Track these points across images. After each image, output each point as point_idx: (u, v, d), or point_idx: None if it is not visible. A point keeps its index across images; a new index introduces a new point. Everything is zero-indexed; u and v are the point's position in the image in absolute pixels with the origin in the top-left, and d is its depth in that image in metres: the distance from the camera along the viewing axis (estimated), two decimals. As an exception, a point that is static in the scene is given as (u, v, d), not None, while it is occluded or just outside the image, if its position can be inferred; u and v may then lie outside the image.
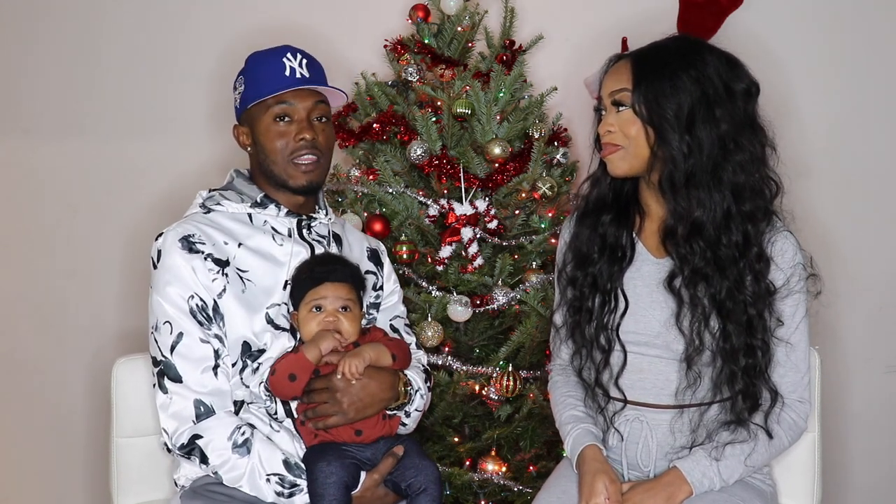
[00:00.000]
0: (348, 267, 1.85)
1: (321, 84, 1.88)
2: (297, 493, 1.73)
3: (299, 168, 1.84)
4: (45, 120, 2.68)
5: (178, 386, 1.75)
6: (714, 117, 1.67)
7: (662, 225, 1.75)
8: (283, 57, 1.86)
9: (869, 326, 2.57)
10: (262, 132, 1.85)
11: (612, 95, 1.73)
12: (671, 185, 1.69)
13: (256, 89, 1.85)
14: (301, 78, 1.85)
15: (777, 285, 1.71)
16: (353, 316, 1.81)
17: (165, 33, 2.65)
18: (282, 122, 1.84)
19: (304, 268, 1.83)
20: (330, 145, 1.90)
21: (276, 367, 1.76)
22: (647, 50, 1.75)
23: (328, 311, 1.78)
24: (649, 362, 1.74)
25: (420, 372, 1.94)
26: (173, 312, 1.76)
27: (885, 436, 2.60)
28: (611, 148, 1.74)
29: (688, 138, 1.66)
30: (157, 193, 2.59)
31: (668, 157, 1.68)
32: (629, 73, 1.71)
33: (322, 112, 1.88)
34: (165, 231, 1.81)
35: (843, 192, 2.53)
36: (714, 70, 1.68)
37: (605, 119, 1.75)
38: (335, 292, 1.79)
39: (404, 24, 2.44)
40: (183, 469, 1.82)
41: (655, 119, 1.68)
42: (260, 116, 1.85)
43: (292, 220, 1.88)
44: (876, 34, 2.53)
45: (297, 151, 1.83)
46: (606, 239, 1.79)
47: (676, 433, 1.73)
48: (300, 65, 1.86)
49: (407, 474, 1.78)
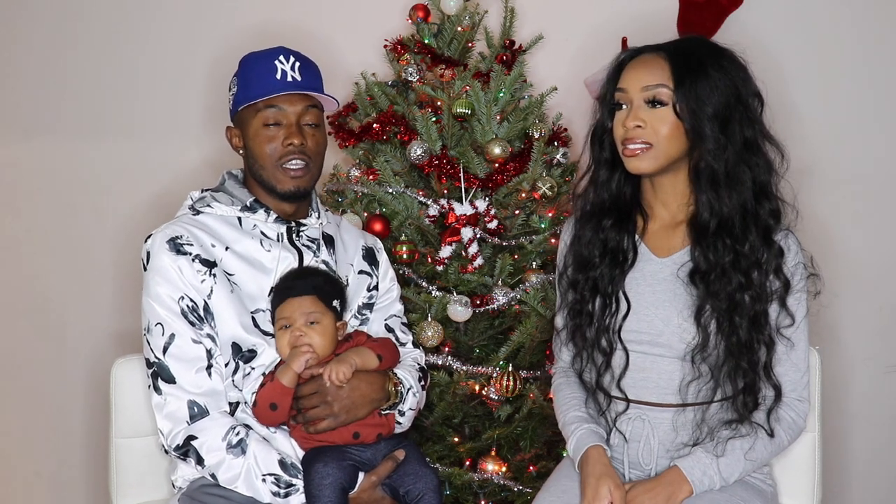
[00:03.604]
0: (312, 278, 1.82)
1: (312, 89, 1.86)
2: (293, 494, 1.72)
3: (287, 173, 1.82)
4: (43, 121, 2.67)
5: (172, 387, 1.75)
6: (745, 118, 1.69)
7: (693, 219, 1.73)
8: (276, 59, 1.83)
9: (869, 326, 2.57)
10: (251, 136, 1.84)
11: (647, 90, 1.68)
12: (711, 182, 1.68)
13: (246, 91, 1.84)
14: (292, 82, 1.83)
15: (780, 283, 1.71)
16: (323, 328, 1.79)
17: (163, 34, 2.65)
18: (271, 126, 1.82)
19: (276, 286, 1.82)
20: (320, 151, 1.87)
21: (257, 398, 1.76)
22: (679, 47, 1.72)
23: (295, 327, 1.77)
24: (652, 361, 1.74)
25: (414, 371, 1.94)
26: (164, 314, 1.76)
27: (885, 436, 2.60)
28: (638, 146, 1.70)
29: (722, 138, 1.67)
30: (156, 194, 2.59)
31: (706, 155, 1.67)
32: (667, 69, 1.68)
33: (313, 117, 1.85)
34: (154, 233, 1.81)
35: (843, 192, 2.53)
36: (737, 74, 1.70)
37: (632, 114, 1.70)
38: (300, 308, 1.77)
39: (404, 24, 2.43)
40: (180, 470, 1.82)
41: (696, 118, 1.66)
42: (249, 120, 1.84)
43: (282, 225, 1.87)
44: (876, 34, 2.53)
45: (286, 157, 1.81)
46: (608, 243, 1.79)
47: (679, 430, 1.73)
48: (292, 68, 1.84)
49: (406, 480, 1.78)
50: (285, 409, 1.75)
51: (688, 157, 1.72)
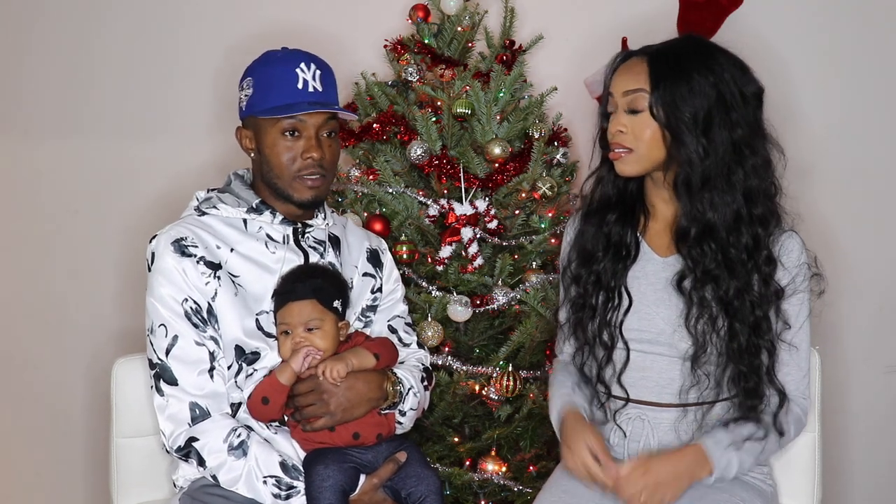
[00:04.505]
0: (311, 280, 1.79)
1: (333, 100, 1.83)
2: (293, 496, 1.72)
3: (305, 183, 1.80)
4: (45, 120, 2.68)
5: (174, 388, 1.75)
6: (730, 121, 1.66)
7: (674, 225, 1.74)
8: (297, 67, 1.78)
9: (869, 326, 2.57)
10: (268, 144, 1.79)
11: (627, 95, 1.68)
12: (687, 188, 1.68)
13: (265, 98, 1.78)
14: (314, 92, 1.78)
15: (782, 285, 1.71)
16: (324, 332, 1.77)
17: (165, 33, 2.65)
18: (290, 136, 1.78)
19: (276, 288, 1.81)
20: (335, 160, 1.85)
21: (252, 391, 1.76)
22: (662, 49, 1.71)
23: (296, 333, 1.76)
24: (652, 360, 1.74)
25: (417, 371, 1.93)
26: (168, 315, 1.76)
27: (885, 436, 2.60)
28: (620, 150, 1.71)
29: (704, 141, 1.65)
30: (157, 194, 2.59)
31: (685, 160, 1.66)
32: (645, 72, 1.67)
33: (331, 127, 1.81)
34: (158, 234, 1.80)
35: (843, 192, 2.53)
36: (728, 74, 1.67)
37: (615, 119, 1.70)
38: (299, 314, 1.76)
39: (404, 24, 2.43)
40: (181, 470, 1.82)
41: (673, 122, 1.65)
42: (267, 128, 1.79)
43: (288, 227, 1.86)
44: (876, 34, 2.52)
45: (305, 169, 1.79)
46: (611, 238, 1.78)
47: (681, 433, 1.73)
48: (314, 77, 1.79)
49: (408, 483, 1.77)
50: (277, 405, 1.74)
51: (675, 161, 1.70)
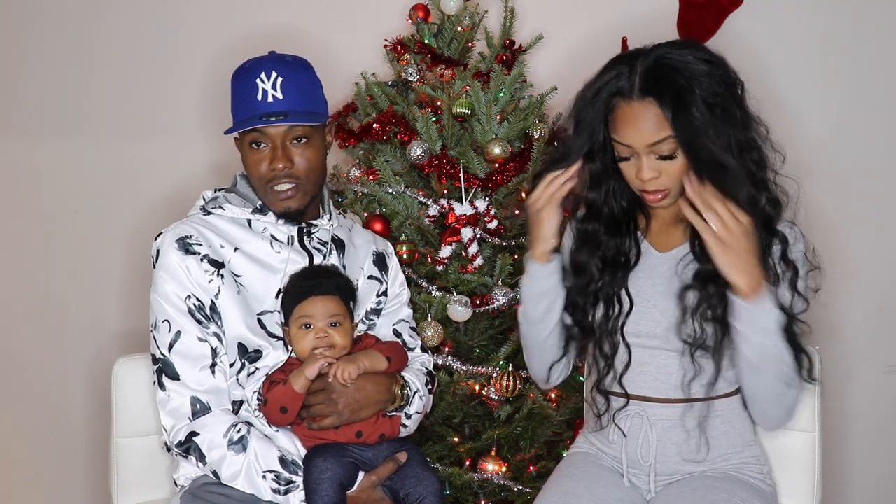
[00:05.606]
0: (335, 278, 1.81)
1: (297, 106, 1.79)
2: (292, 490, 1.73)
3: (277, 196, 1.81)
4: (45, 120, 2.68)
5: (176, 384, 1.76)
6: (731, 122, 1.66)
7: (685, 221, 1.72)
8: (258, 77, 1.78)
9: (869, 326, 2.57)
10: (243, 157, 1.84)
11: (654, 147, 1.65)
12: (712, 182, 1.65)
13: (235, 112, 1.83)
14: (273, 102, 1.77)
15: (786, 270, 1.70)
16: (345, 330, 1.78)
17: (164, 33, 2.65)
18: (256, 147, 1.80)
19: (292, 281, 1.81)
20: (312, 166, 1.81)
21: (268, 398, 1.76)
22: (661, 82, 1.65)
23: (318, 328, 1.76)
24: (651, 355, 1.75)
25: (422, 374, 1.94)
26: (171, 311, 1.77)
27: (885, 436, 2.60)
28: (660, 194, 1.69)
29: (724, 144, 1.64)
30: (157, 194, 2.60)
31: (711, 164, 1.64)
32: (661, 117, 1.63)
33: (299, 134, 1.79)
34: (164, 231, 1.83)
35: (843, 192, 2.53)
36: (718, 78, 1.66)
37: (646, 167, 1.66)
38: (323, 308, 1.76)
39: (404, 24, 2.44)
40: (182, 469, 1.82)
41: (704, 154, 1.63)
42: (241, 137, 1.83)
43: (292, 227, 1.87)
44: (876, 34, 2.52)
45: (274, 180, 1.80)
46: (607, 255, 1.78)
47: (689, 428, 1.73)
48: (274, 86, 1.77)
49: (407, 483, 1.77)
50: (295, 411, 1.76)
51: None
